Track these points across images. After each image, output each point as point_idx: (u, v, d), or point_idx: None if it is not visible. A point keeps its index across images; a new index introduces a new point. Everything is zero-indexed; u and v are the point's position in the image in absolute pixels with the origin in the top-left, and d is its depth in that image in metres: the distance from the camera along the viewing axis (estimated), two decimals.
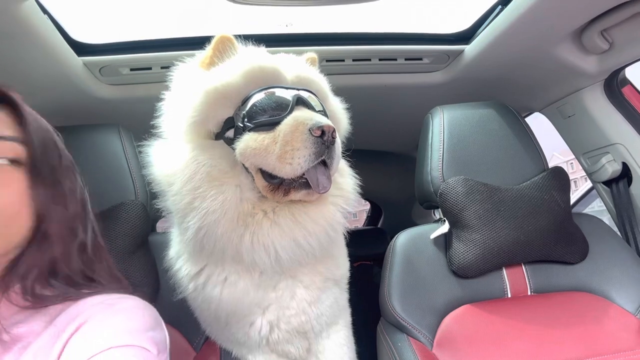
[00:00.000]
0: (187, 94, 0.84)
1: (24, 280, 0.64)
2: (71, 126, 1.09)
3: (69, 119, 1.31)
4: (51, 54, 1.06)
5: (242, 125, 0.81)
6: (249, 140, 0.79)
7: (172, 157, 0.84)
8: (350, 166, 1.00)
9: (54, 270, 0.67)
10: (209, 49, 0.87)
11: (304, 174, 0.78)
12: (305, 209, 0.85)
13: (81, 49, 1.19)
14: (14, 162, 0.64)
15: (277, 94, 0.82)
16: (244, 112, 0.81)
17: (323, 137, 0.76)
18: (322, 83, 0.92)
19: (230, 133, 0.83)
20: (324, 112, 0.86)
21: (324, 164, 0.80)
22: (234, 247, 0.81)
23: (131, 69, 1.27)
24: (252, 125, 0.80)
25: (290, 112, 0.80)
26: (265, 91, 0.81)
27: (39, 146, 0.67)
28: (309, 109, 0.82)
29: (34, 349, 0.58)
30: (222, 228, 0.80)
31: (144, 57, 1.25)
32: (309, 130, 0.75)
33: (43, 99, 1.21)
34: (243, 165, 0.83)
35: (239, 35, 0.93)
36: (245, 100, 0.82)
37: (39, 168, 0.66)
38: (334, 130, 0.77)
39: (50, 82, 1.16)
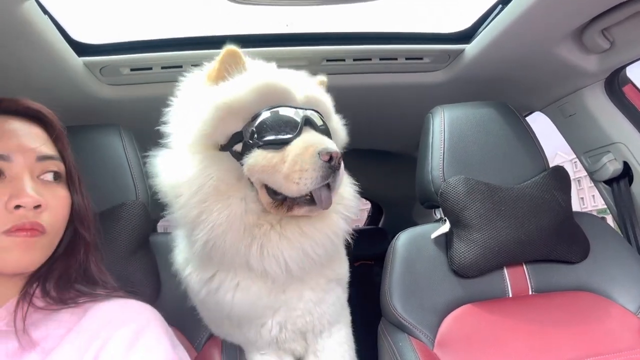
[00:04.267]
0: (196, 107, 0.85)
1: (45, 283, 0.68)
2: (71, 126, 1.08)
3: (69, 119, 1.30)
4: (51, 54, 1.06)
5: (251, 142, 0.82)
6: (258, 157, 0.81)
7: (179, 168, 0.84)
8: (351, 166, 1.00)
9: (72, 274, 0.71)
10: (216, 62, 0.87)
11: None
12: (310, 220, 0.88)
13: (81, 49, 1.19)
14: (58, 178, 0.70)
15: (286, 113, 0.83)
16: (253, 128, 0.81)
17: (330, 162, 0.78)
18: (328, 103, 0.93)
19: (238, 147, 0.84)
20: (327, 131, 0.88)
21: (327, 186, 0.82)
22: (242, 257, 0.83)
23: (131, 69, 1.27)
24: (261, 143, 0.81)
25: (299, 133, 0.81)
26: (275, 109, 0.82)
27: (71, 161, 0.73)
28: (315, 129, 0.84)
29: (59, 353, 0.60)
30: (229, 240, 0.81)
31: (144, 57, 1.25)
32: (318, 154, 0.78)
33: (43, 99, 1.19)
34: (248, 178, 0.84)
35: (236, 37, 0.92)
36: (255, 117, 0.82)
37: (78, 180, 0.73)
38: (340, 157, 0.80)
39: (50, 83, 1.16)
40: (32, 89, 1.15)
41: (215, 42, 1.03)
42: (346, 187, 0.97)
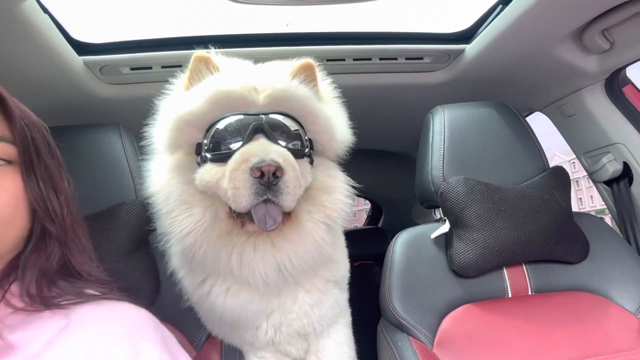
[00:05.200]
0: (163, 117, 0.85)
1: (22, 281, 0.62)
2: (72, 125, 1.09)
3: (69, 119, 1.31)
4: (51, 54, 1.05)
5: (203, 155, 0.80)
6: (204, 173, 0.79)
7: (156, 177, 0.85)
8: (351, 166, 0.99)
9: (52, 272, 0.65)
10: (187, 70, 0.85)
11: None
12: (282, 232, 0.82)
13: (81, 48, 1.19)
14: (5, 161, 0.61)
15: (237, 121, 0.78)
16: (206, 140, 0.79)
17: (262, 178, 0.73)
18: (303, 99, 0.83)
19: (199, 158, 0.82)
20: (293, 134, 0.81)
21: (271, 201, 0.76)
22: (225, 265, 0.81)
23: (131, 69, 1.27)
24: (209, 156, 0.79)
25: (245, 144, 0.77)
26: (226, 119, 0.78)
27: (29, 143, 0.64)
28: (267, 136, 0.78)
29: None
30: (204, 249, 0.80)
31: (144, 56, 1.25)
32: (250, 169, 0.72)
33: (43, 99, 1.21)
34: None
35: (236, 37, 0.90)
36: (209, 128, 0.80)
37: (32, 165, 0.64)
38: (276, 170, 0.72)
39: (50, 82, 1.16)
40: (31, 88, 1.15)
41: (215, 42, 1.03)
42: (333, 195, 0.88)
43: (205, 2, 1.23)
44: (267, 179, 0.72)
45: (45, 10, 1.00)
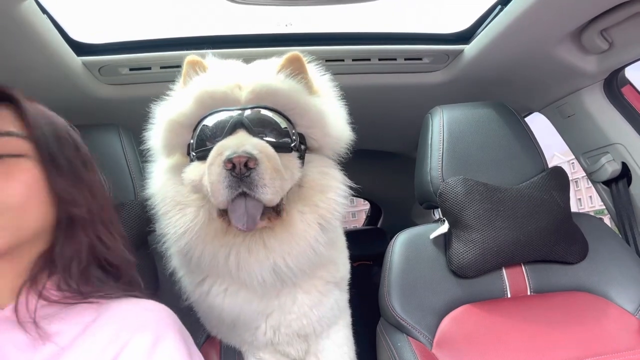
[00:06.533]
0: (158, 120, 0.87)
1: (56, 273, 0.66)
2: None
3: (68, 119, 1.31)
4: (50, 54, 1.05)
5: (191, 154, 0.81)
6: (190, 172, 0.80)
7: (153, 179, 0.87)
8: (350, 166, 0.98)
9: (84, 263, 0.68)
10: (182, 74, 0.87)
11: None
12: (274, 232, 0.82)
13: (80, 48, 1.19)
14: (18, 156, 0.65)
15: (220, 118, 0.79)
16: (192, 140, 0.81)
17: (234, 170, 0.72)
18: (288, 92, 0.82)
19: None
20: (282, 128, 0.80)
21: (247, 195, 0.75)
22: (223, 266, 0.82)
23: (130, 69, 1.27)
24: (194, 154, 0.80)
25: (224, 139, 0.77)
26: (211, 117, 0.79)
27: (47, 139, 0.68)
28: (250, 131, 0.77)
29: (75, 352, 0.58)
30: (200, 250, 0.81)
31: (143, 57, 1.25)
32: (223, 162, 0.72)
33: (42, 99, 1.19)
34: None
35: (235, 37, 0.91)
36: (196, 127, 0.81)
37: (53, 159, 0.67)
38: (247, 160, 0.71)
39: (49, 82, 1.16)
40: (31, 89, 1.14)
41: (215, 42, 1.03)
42: (327, 194, 0.87)
43: (204, 3, 1.23)
44: (239, 170, 0.72)
45: (44, 11, 1.00)
